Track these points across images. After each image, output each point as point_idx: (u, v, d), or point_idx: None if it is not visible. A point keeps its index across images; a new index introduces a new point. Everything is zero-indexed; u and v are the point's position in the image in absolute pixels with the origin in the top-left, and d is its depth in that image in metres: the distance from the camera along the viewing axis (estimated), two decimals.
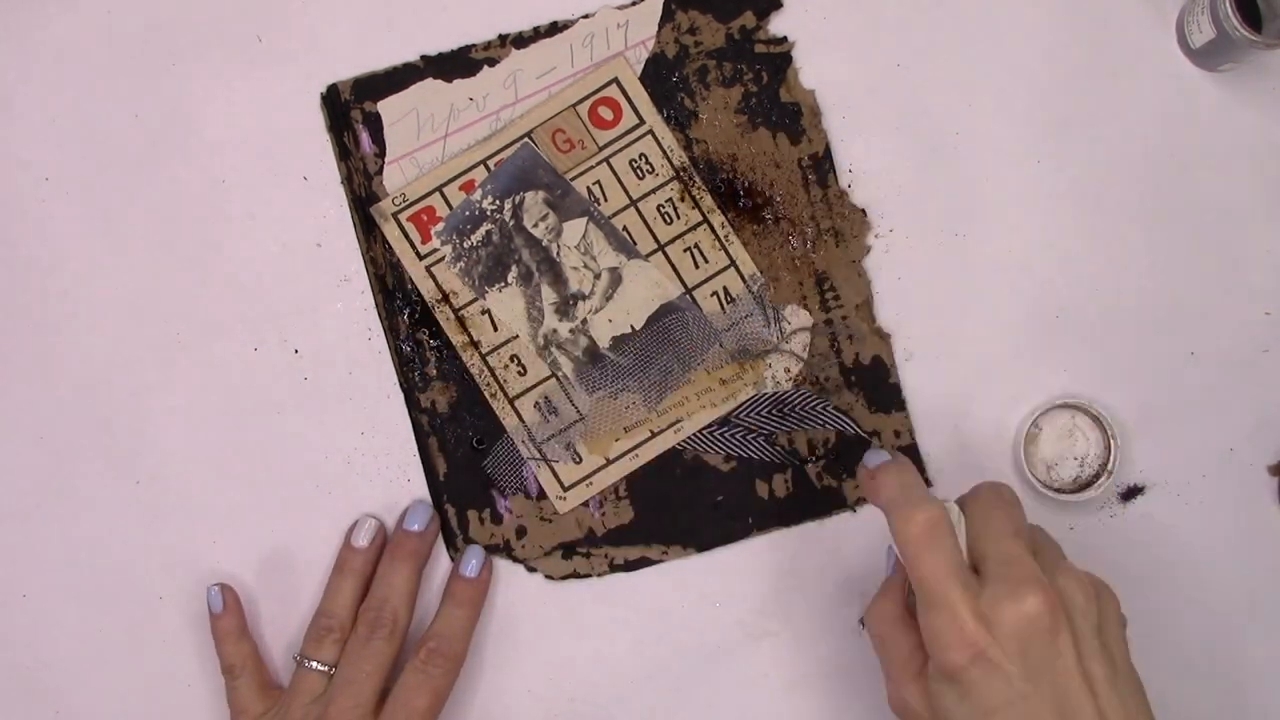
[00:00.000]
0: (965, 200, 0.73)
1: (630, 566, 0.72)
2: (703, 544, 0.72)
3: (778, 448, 0.72)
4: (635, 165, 0.72)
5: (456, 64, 0.72)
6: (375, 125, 0.72)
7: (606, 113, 0.72)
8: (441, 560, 0.72)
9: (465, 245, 0.71)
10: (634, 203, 0.72)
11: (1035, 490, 0.71)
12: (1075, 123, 0.73)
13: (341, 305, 0.72)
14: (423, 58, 0.72)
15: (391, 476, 0.72)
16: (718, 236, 0.72)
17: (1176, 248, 0.73)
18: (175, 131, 0.72)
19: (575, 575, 0.72)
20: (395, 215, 0.71)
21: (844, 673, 0.73)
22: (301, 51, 0.72)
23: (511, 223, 0.71)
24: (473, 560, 0.71)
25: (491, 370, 0.72)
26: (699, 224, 0.72)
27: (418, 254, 0.72)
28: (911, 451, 0.72)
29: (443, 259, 0.72)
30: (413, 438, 0.72)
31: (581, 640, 0.73)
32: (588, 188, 0.72)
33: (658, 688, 0.73)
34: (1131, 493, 0.73)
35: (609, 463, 0.72)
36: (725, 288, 0.72)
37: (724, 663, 0.73)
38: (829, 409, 0.72)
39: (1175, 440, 0.73)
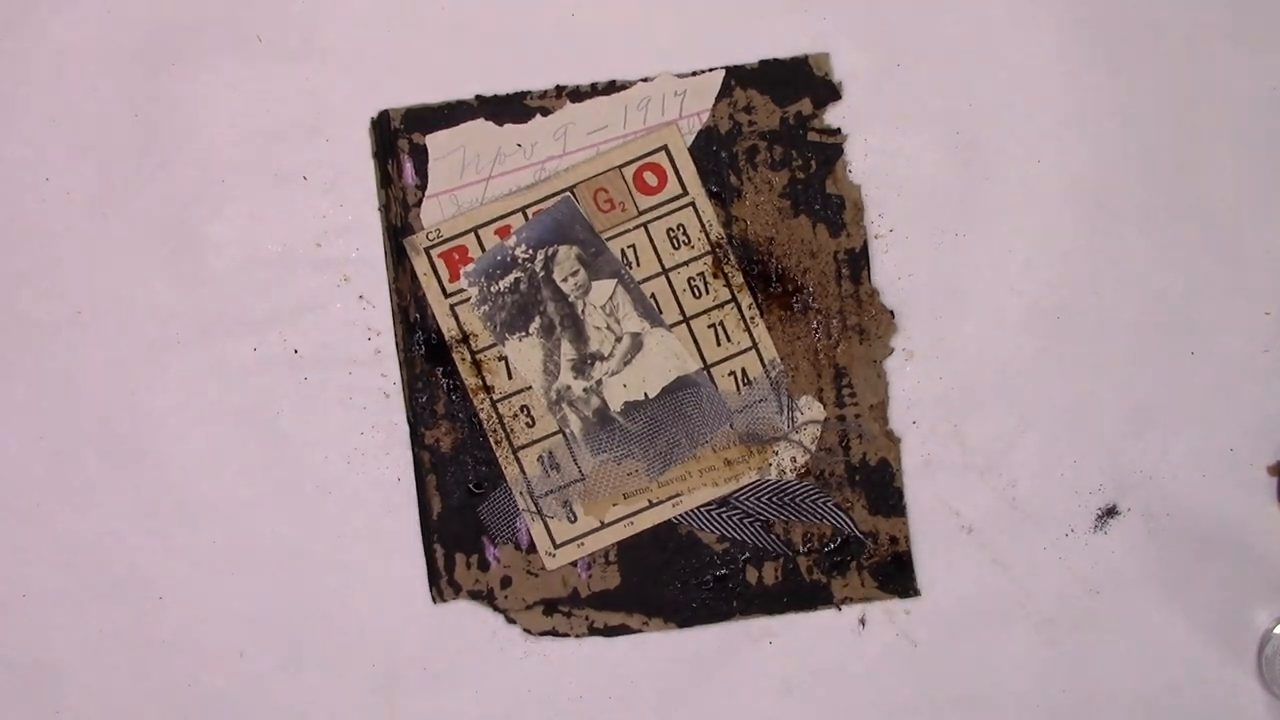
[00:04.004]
0: (965, 200, 0.73)
1: (610, 632, 0.72)
2: (684, 620, 0.72)
3: (773, 536, 0.72)
4: (672, 234, 0.72)
5: (510, 108, 0.72)
6: (420, 157, 0.71)
7: (651, 178, 0.71)
8: (421, 595, 0.72)
9: (492, 289, 0.71)
10: (665, 271, 0.72)
11: None
12: (1076, 122, 0.73)
13: (341, 305, 0.72)
14: (477, 97, 0.71)
15: (390, 477, 0.72)
16: (744, 317, 0.72)
17: (1176, 248, 0.73)
18: (175, 131, 0.72)
19: (554, 633, 0.72)
20: (427, 250, 0.71)
21: (843, 674, 0.73)
22: (302, 53, 0.72)
23: (541, 274, 0.71)
24: None
25: (500, 417, 0.71)
26: (727, 302, 0.72)
27: (444, 291, 0.71)
28: (905, 559, 0.72)
29: (468, 300, 0.71)
30: (409, 439, 0.72)
31: (582, 640, 0.73)
32: (622, 250, 0.71)
33: (658, 688, 0.73)
34: (1123, 503, 0.73)
35: (603, 526, 0.72)
36: (744, 369, 0.72)
37: (724, 663, 0.73)
38: (829, 504, 0.72)
39: (1175, 440, 0.73)
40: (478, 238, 0.71)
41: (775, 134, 0.72)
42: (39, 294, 0.72)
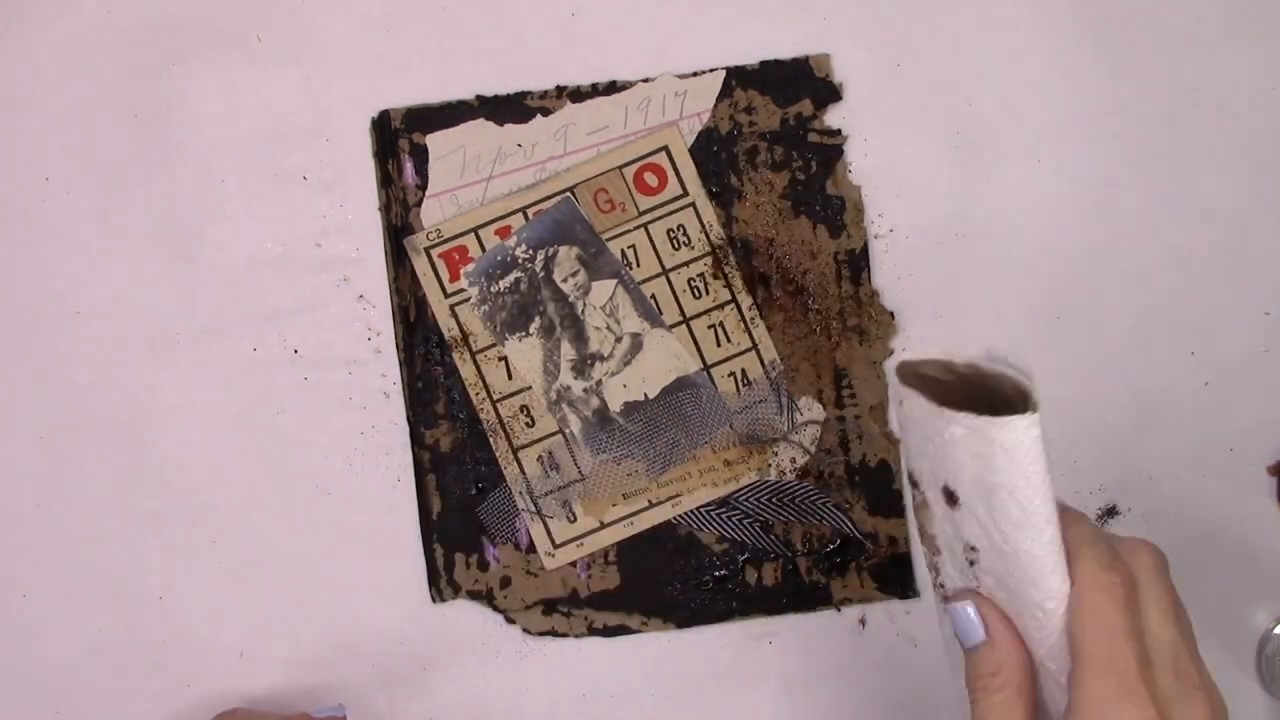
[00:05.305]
0: (965, 200, 0.73)
1: (609, 632, 0.72)
2: (683, 621, 0.72)
3: (772, 536, 0.72)
4: (672, 235, 0.72)
5: (511, 108, 0.72)
6: (421, 157, 0.71)
7: (652, 179, 0.71)
8: (420, 595, 0.72)
9: (492, 290, 0.71)
10: (665, 272, 0.72)
11: None
12: (1076, 122, 0.73)
13: (341, 306, 0.72)
14: (478, 97, 0.72)
15: (391, 477, 0.72)
16: (744, 318, 0.72)
17: (1177, 248, 0.73)
18: (175, 131, 0.72)
19: (553, 633, 0.72)
20: (428, 250, 0.71)
21: (844, 673, 0.73)
22: (302, 53, 0.72)
23: (542, 274, 0.71)
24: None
25: (500, 418, 0.71)
26: (727, 303, 0.72)
27: (444, 291, 0.71)
28: (904, 560, 0.72)
29: (468, 300, 0.71)
30: (409, 439, 0.72)
31: (582, 640, 0.73)
32: (622, 250, 0.72)
33: (658, 688, 0.73)
34: (1123, 503, 0.73)
35: (603, 526, 0.72)
36: (744, 370, 0.72)
37: (724, 663, 0.73)
38: (829, 505, 0.72)
39: (1175, 441, 0.73)
40: (478, 238, 0.71)
41: (776, 135, 0.72)
42: (39, 294, 0.72)
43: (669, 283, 0.72)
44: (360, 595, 0.72)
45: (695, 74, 0.72)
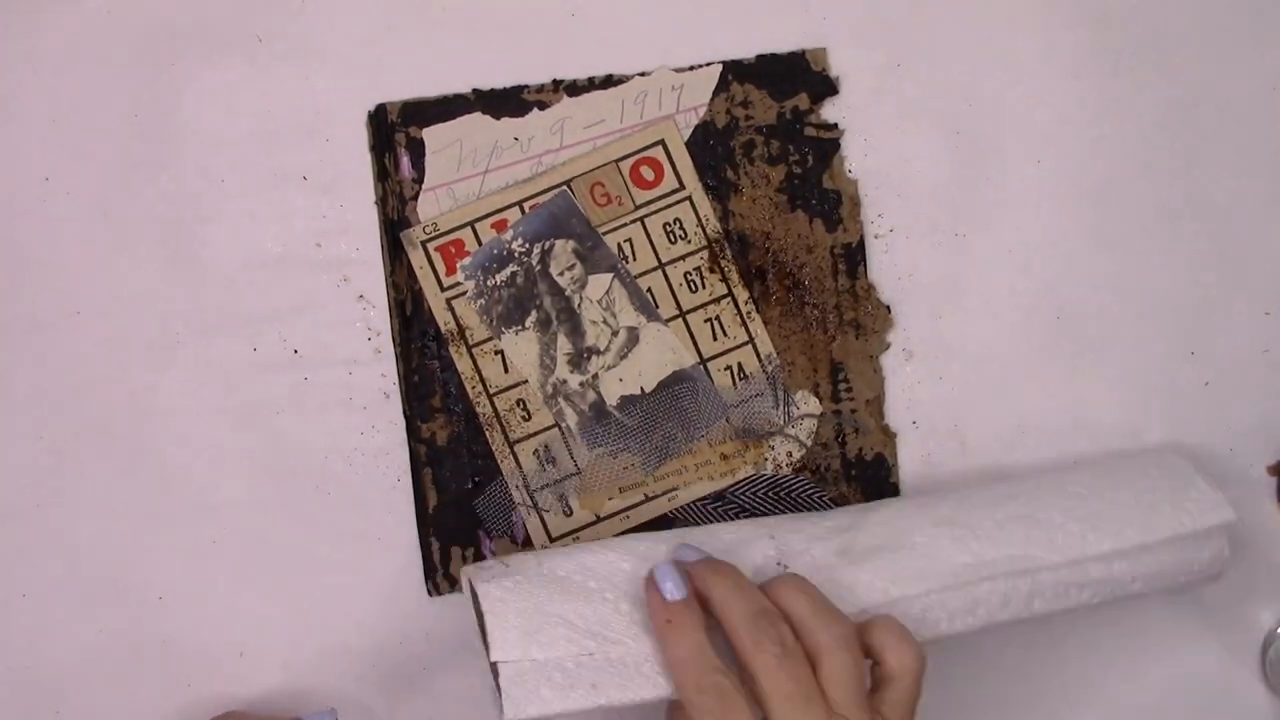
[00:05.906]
0: (965, 200, 0.73)
1: None
2: None
3: None
4: (669, 229, 0.72)
5: (507, 102, 0.72)
6: (417, 151, 0.71)
7: (648, 173, 0.72)
8: (418, 590, 0.72)
9: (489, 283, 0.71)
10: (662, 266, 0.72)
11: None
12: (1076, 122, 0.73)
13: (342, 306, 0.72)
14: (474, 91, 0.72)
15: (391, 478, 0.72)
16: (740, 312, 0.72)
17: (1177, 247, 0.73)
18: (175, 131, 0.72)
19: None
20: (424, 243, 0.71)
21: None
22: (301, 53, 0.72)
23: (538, 268, 0.71)
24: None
25: (496, 411, 0.71)
26: (723, 296, 0.72)
27: (440, 285, 0.71)
28: None
29: (464, 294, 0.71)
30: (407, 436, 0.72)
31: None
32: (618, 244, 0.72)
33: None
34: None
35: (599, 520, 0.72)
36: (740, 364, 0.72)
37: None
38: (825, 499, 0.72)
39: (1175, 440, 0.73)
40: (474, 231, 0.71)
41: (772, 128, 0.72)
42: (39, 294, 0.72)
43: (665, 276, 0.72)
44: (360, 595, 0.72)
45: (692, 68, 0.72)
